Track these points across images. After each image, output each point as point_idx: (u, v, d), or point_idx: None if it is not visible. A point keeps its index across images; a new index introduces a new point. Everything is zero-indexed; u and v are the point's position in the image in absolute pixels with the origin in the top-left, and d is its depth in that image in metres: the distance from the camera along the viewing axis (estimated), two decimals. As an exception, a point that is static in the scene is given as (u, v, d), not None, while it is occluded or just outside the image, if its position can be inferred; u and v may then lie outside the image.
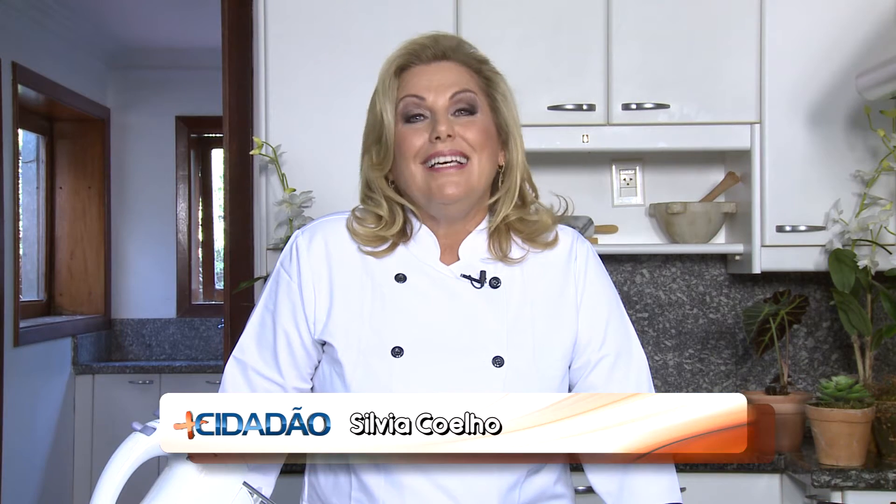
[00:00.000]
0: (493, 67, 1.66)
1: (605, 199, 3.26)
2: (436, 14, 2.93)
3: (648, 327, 3.25)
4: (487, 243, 1.63)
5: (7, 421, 4.49)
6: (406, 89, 1.60)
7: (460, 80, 1.60)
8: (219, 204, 6.13)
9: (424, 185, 1.57)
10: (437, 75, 1.60)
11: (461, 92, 1.59)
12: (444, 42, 1.63)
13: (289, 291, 1.63)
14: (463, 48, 1.64)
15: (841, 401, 2.63)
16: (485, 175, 1.59)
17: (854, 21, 2.93)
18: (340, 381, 1.58)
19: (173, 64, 5.81)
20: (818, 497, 2.60)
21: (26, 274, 5.36)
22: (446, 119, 1.57)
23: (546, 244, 1.66)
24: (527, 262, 1.64)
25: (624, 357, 1.67)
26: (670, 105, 2.95)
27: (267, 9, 2.95)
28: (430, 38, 1.63)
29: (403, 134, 1.59)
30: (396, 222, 1.62)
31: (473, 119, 1.59)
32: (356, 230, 1.63)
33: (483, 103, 1.62)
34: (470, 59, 1.64)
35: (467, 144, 1.57)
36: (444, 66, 1.62)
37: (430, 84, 1.59)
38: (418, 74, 1.61)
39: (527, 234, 1.64)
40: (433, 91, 1.59)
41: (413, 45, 1.63)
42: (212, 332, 5.93)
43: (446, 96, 1.58)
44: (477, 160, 1.58)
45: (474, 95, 1.60)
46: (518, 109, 1.66)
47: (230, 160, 3.24)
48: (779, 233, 2.94)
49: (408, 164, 1.58)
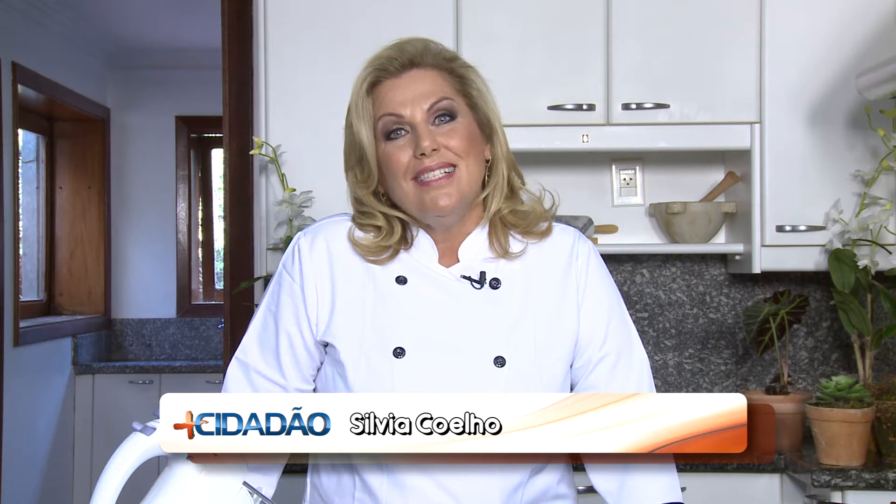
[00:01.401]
0: (463, 62, 1.63)
1: (604, 198, 3.26)
2: (436, 14, 2.93)
3: (648, 327, 3.25)
4: (487, 241, 1.63)
5: (7, 421, 4.49)
6: (381, 107, 1.58)
7: (434, 89, 1.58)
8: (219, 204, 6.13)
9: (418, 200, 1.57)
10: (409, 87, 1.58)
11: (438, 101, 1.57)
12: (410, 49, 1.60)
13: (291, 293, 1.63)
14: (430, 50, 1.61)
15: (841, 401, 2.63)
16: (474, 178, 1.58)
17: (854, 21, 2.93)
18: (342, 381, 1.58)
19: (173, 64, 5.81)
20: (818, 497, 2.60)
21: (26, 274, 5.36)
22: (427, 133, 1.55)
23: (541, 234, 1.65)
24: (528, 258, 1.64)
25: (625, 356, 1.66)
26: (670, 105, 2.95)
27: (267, 9, 2.95)
28: (394, 49, 1.61)
29: (388, 153, 1.57)
30: (395, 231, 1.62)
31: (454, 125, 1.57)
32: (358, 241, 1.62)
33: (461, 105, 1.59)
34: (439, 60, 1.61)
35: (452, 153, 1.56)
36: (416, 76, 1.59)
37: (405, 98, 1.57)
38: (391, 89, 1.58)
39: (522, 226, 1.64)
40: (409, 105, 1.56)
41: (379, 60, 1.60)
42: (212, 332, 5.93)
43: (423, 108, 1.56)
44: (465, 165, 1.56)
45: (451, 101, 1.58)
46: (495, 99, 1.63)
47: (230, 160, 3.24)
48: (779, 232, 2.94)
49: (398, 182, 1.57)
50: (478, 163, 1.59)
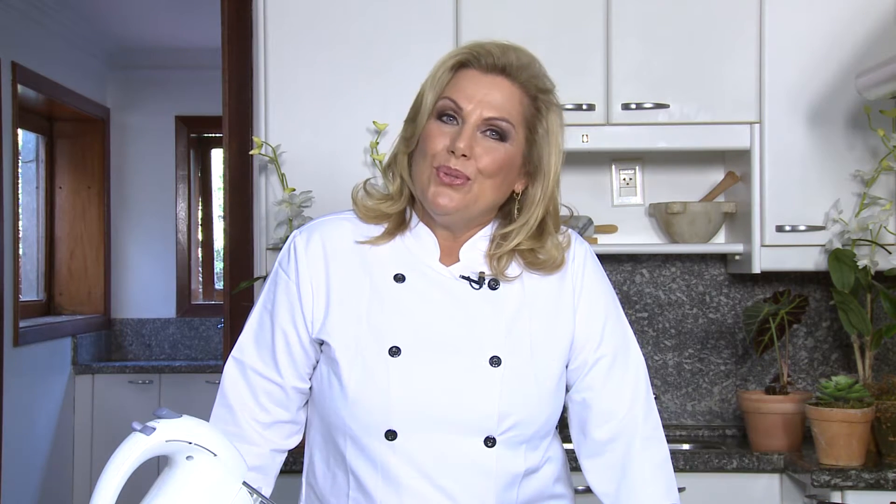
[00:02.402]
0: (552, 99, 1.60)
1: (604, 198, 3.26)
2: (436, 14, 2.93)
3: (648, 327, 3.25)
4: (487, 252, 1.62)
5: (7, 421, 4.49)
6: (452, 90, 1.57)
7: (505, 105, 1.56)
8: (219, 204, 6.13)
9: (426, 185, 1.57)
10: (485, 89, 1.56)
11: (498, 118, 1.55)
12: (511, 57, 1.58)
13: (287, 291, 1.63)
14: (528, 69, 1.58)
15: (841, 401, 2.63)
16: (485, 200, 1.57)
17: (854, 21, 2.93)
18: (338, 380, 1.58)
19: (173, 64, 5.81)
20: (818, 497, 2.60)
21: (26, 274, 5.36)
22: (469, 136, 1.54)
23: (548, 269, 1.64)
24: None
25: (621, 358, 1.66)
26: (670, 105, 2.95)
27: (267, 9, 2.95)
28: (499, 47, 1.58)
29: (431, 130, 1.57)
30: (402, 201, 1.62)
31: (498, 146, 1.55)
32: (361, 201, 1.63)
33: (519, 134, 1.57)
34: (529, 84, 1.58)
35: (476, 169, 1.54)
36: (498, 83, 1.57)
37: (475, 95, 1.55)
38: (471, 80, 1.57)
39: (530, 261, 1.63)
40: (474, 103, 1.55)
41: (478, 47, 1.58)
42: (211, 332, 5.93)
43: (482, 115, 1.55)
44: (479, 185, 1.55)
45: (510, 126, 1.56)
46: (563, 146, 1.61)
47: (230, 160, 3.24)
48: (778, 232, 2.93)
49: (424, 159, 1.57)
50: (496, 190, 1.57)
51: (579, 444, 1.67)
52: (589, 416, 1.65)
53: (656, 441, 1.66)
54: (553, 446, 1.67)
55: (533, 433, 1.60)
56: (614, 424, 1.64)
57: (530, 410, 1.58)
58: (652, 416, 1.67)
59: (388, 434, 1.55)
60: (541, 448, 1.63)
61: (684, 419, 3.24)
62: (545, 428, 1.62)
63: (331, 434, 1.61)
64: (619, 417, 1.64)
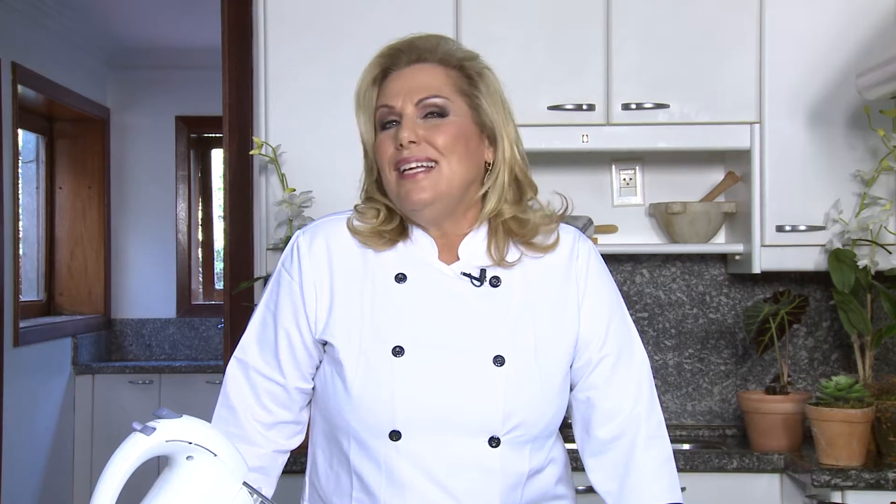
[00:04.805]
0: (478, 64, 1.62)
1: (604, 198, 3.26)
2: (436, 14, 2.93)
3: (648, 327, 3.25)
4: (485, 245, 1.62)
5: (7, 421, 4.49)
6: (381, 98, 1.60)
7: (431, 84, 1.58)
8: (219, 204, 6.13)
9: (397, 191, 1.58)
10: (408, 80, 1.59)
11: (429, 97, 1.57)
12: (420, 43, 1.61)
13: (290, 291, 1.63)
14: (441, 47, 1.61)
15: (841, 401, 2.63)
16: (458, 178, 1.57)
17: (854, 21, 2.93)
18: (341, 380, 1.58)
19: (173, 64, 5.81)
20: (818, 497, 2.60)
21: (26, 274, 5.36)
22: (410, 125, 1.56)
23: (544, 248, 1.64)
24: (526, 262, 1.64)
25: (625, 357, 1.66)
26: (670, 105, 2.95)
27: (267, 9, 2.95)
28: (405, 43, 1.62)
29: (379, 141, 1.60)
30: (394, 220, 1.62)
31: (443, 122, 1.57)
32: (356, 228, 1.63)
33: (459, 104, 1.59)
34: (449, 57, 1.61)
35: (434, 149, 1.55)
36: (418, 70, 1.60)
37: (401, 90, 1.58)
38: (393, 80, 1.60)
39: (522, 235, 1.62)
40: (401, 97, 1.58)
41: (390, 51, 1.62)
42: (212, 332, 5.93)
43: (413, 101, 1.57)
44: (447, 164, 1.56)
45: (444, 100, 1.57)
46: (509, 104, 1.63)
47: (230, 160, 3.24)
48: (779, 232, 2.93)
49: (385, 172, 1.59)
50: (463, 163, 1.58)
51: (583, 443, 1.67)
52: (593, 414, 1.65)
53: (660, 440, 1.66)
54: (556, 447, 1.67)
55: (538, 433, 1.59)
56: (618, 423, 1.64)
57: (535, 410, 1.58)
58: (655, 414, 1.67)
59: (392, 434, 1.54)
60: (545, 448, 1.63)
61: (684, 419, 3.25)
62: (549, 428, 1.62)
63: (334, 434, 1.61)
64: (623, 416, 1.64)
